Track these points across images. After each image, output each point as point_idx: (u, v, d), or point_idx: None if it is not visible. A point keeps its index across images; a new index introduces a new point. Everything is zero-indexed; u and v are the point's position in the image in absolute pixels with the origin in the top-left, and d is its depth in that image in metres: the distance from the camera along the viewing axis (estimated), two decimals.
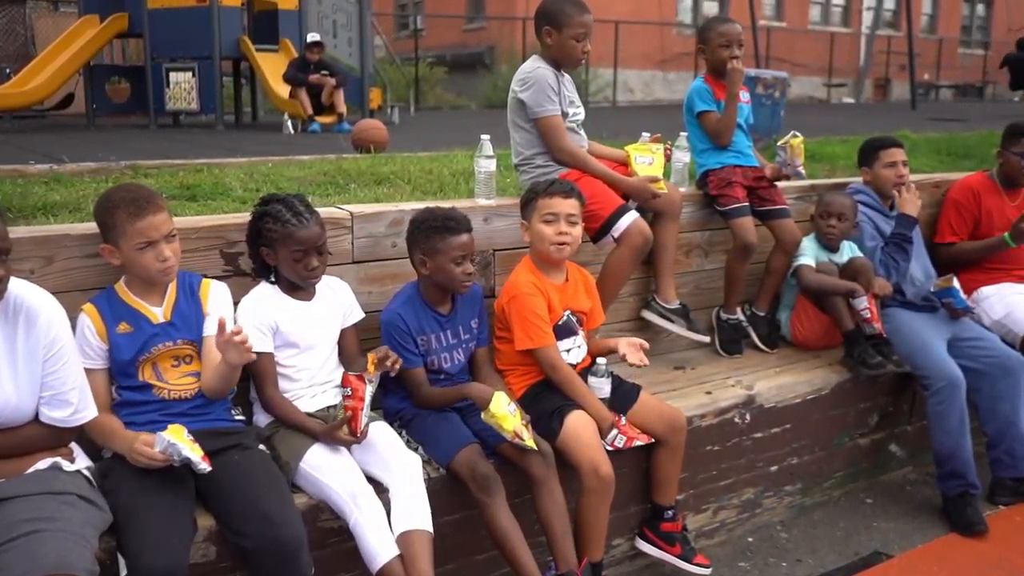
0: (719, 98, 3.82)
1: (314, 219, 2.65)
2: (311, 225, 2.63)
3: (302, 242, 2.61)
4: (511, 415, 2.68)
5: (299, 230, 2.61)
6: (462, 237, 2.81)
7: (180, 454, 2.23)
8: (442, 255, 2.79)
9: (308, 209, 2.67)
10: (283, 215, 2.62)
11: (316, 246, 2.64)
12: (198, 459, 2.24)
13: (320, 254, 2.67)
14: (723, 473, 3.44)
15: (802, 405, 3.60)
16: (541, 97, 3.30)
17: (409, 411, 2.84)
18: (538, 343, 2.91)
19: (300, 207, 2.65)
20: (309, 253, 2.63)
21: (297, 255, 2.62)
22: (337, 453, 2.56)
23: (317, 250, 2.65)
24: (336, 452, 2.56)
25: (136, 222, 2.39)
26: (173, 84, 11.88)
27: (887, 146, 4.05)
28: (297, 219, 2.61)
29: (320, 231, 2.65)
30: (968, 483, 3.66)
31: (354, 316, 2.86)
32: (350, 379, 2.50)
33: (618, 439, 2.95)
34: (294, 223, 2.61)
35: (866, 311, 3.70)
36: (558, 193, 2.97)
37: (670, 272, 3.64)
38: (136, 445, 2.25)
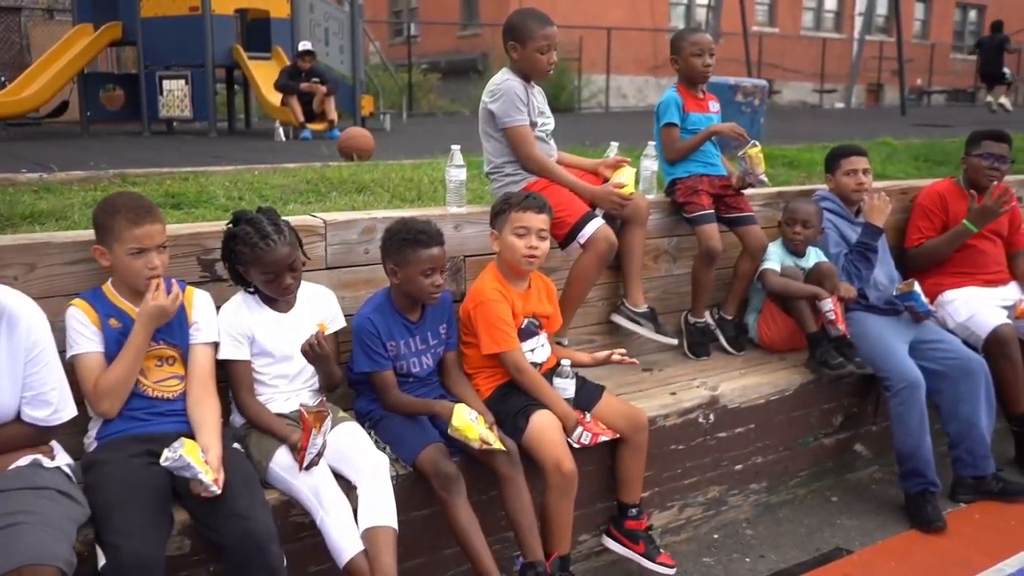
0: (688, 110, 3.94)
1: (283, 240, 2.71)
2: (279, 247, 2.70)
3: (271, 265, 2.70)
4: (474, 424, 2.79)
5: (267, 254, 2.69)
6: (432, 250, 2.91)
7: (194, 474, 2.33)
8: (412, 267, 2.90)
9: (277, 229, 2.72)
10: (251, 238, 2.70)
11: (287, 265, 2.72)
12: (210, 482, 2.35)
13: (293, 270, 2.75)
14: (688, 472, 3.55)
15: (766, 406, 3.72)
16: (509, 108, 3.42)
17: (378, 412, 2.96)
18: (504, 347, 3.02)
19: (268, 228, 2.71)
20: (280, 274, 2.72)
21: (269, 276, 2.71)
22: None
23: (289, 268, 2.73)
24: None
25: (134, 229, 2.51)
26: (166, 92, 11.97)
27: (848, 154, 4.17)
28: (265, 242, 2.68)
29: (289, 251, 2.73)
30: (928, 481, 3.77)
31: (336, 324, 2.97)
32: (303, 415, 2.55)
33: (583, 436, 3.06)
34: (262, 247, 2.68)
35: (831, 313, 3.82)
36: (531, 208, 3.08)
37: (638, 277, 3.76)
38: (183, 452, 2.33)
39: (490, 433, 2.82)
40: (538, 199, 3.12)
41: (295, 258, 2.76)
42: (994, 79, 16.97)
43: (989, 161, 4.30)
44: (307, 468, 2.58)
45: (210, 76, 11.67)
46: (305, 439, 2.54)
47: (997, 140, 4.36)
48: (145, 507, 2.33)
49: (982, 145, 4.35)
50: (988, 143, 4.35)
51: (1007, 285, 4.46)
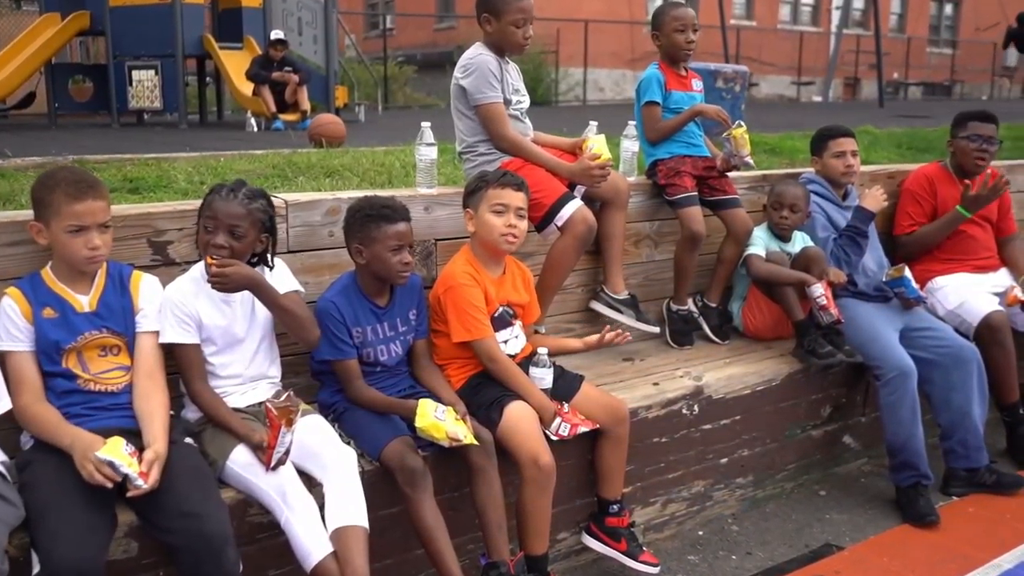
0: (670, 88, 3.78)
1: (244, 202, 2.54)
2: (234, 203, 2.53)
3: (215, 214, 2.52)
4: (440, 422, 2.61)
5: (218, 201, 2.53)
6: (399, 225, 2.74)
7: (119, 471, 2.15)
8: (378, 243, 2.72)
9: (249, 194, 2.57)
10: (221, 189, 2.57)
11: (229, 225, 2.52)
12: (135, 475, 2.17)
13: (235, 237, 2.53)
14: (672, 466, 3.39)
15: (752, 396, 3.56)
16: (482, 84, 3.24)
17: (342, 404, 2.77)
18: (476, 335, 2.85)
19: (243, 189, 2.57)
20: (220, 229, 2.51)
21: (208, 225, 2.53)
22: None
23: (230, 231, 2.52)
24: None
25: (74, 204, 2.31)
26: (136, 82, 11.72)
27: (836, 135, 4.02)
28: (227, 193, 2.54)
29: (242, 213, 2.53)
30: (920, 474, 3.64)
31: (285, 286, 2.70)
32: (270, 411, 2.35)
33: (562, 427, 2.88)
34: (222, 195, 2.54)
35: (822, 298, 3.65)
36: (510, 185, 2.91)
37: (618, 262, 3.59)
38: (91, 456, 2.15)
39: (461, 427, 2.64)
40: (516, 177, 2.96)
41: (243, 228, 2.53)
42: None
43: (977, 143, 4.17)
44: (274, 468, 2.39)
45: (180, 66, 11.44)
46: (272, 437, 2.35)
47: (984, 121, 4.23)
48: (83, 508, 2.14)
49: (969, 127, 4.23)
50: (975, 124, 4.22)
51: (997, 271, 4.35)
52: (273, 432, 2.34)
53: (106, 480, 2.14)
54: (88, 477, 2.15)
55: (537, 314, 3.20)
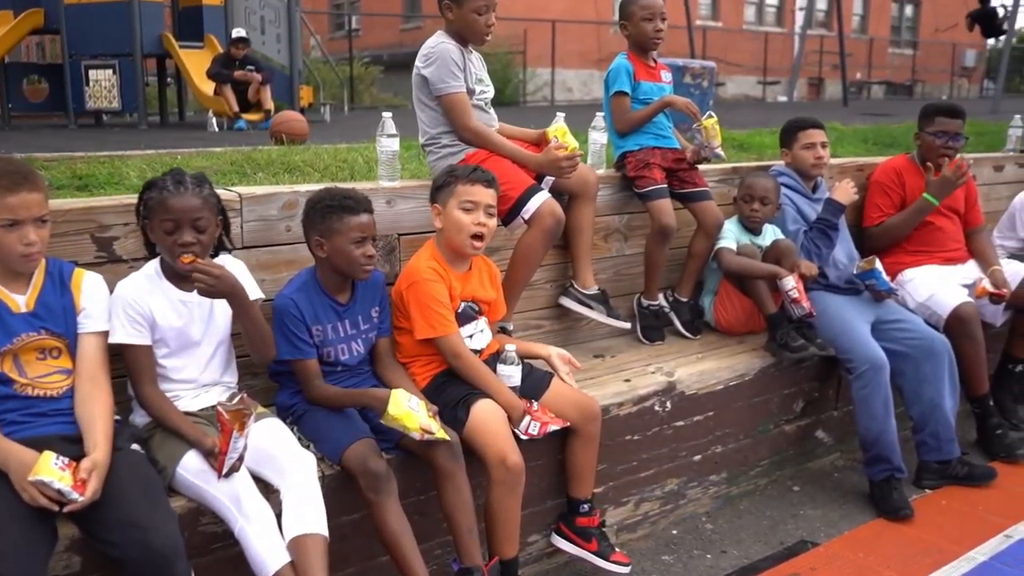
0: (639, 78, 3.70)
1: (196, 191, 2.39)
2: (188, 195, 2.37)
3: (174, 211, 2.36)
4: (414, 412, 2.50)
5: (171, 197, 2.36)
6: (361, 217, 2.63)
7: (51, 488, 2.02)
8: (340, 236, 2.61)
9: (196, 182, 2.42)
10: (164, 183, 2.39)
11: (191, 219, 2.37)
12: (69, 489, 2.04)
13: (198, 231, 2.39)
14: (644, 464, 3.31)
15: (724, 392, 3.49)
16: (444, 73, 3.13)
17: (302, 406, 2.65)
18: (440, 331, 2.74)
19: (188, 178, 2.41)
20: (182, 226, 2.37)
21: (168, 226, 2.37)
22: None
23: (193, 224, 2.38)
24: None
25: (7, 196, 2.15)
26: (93, 82, 11.47)
27: (806, 127, 3.98)
28: (176, 186, 2.37)
29: (199, 204, 2.38)
30: (894, 467, 3.60)
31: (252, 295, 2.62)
32: (221, 415, 2.21)
33: (531, 426, 2.78)
34: (171, 189, 2.37)
35: (794, 291, 3.59)
36: (480, 181, 2.81)
37: (588, 257, 3.51)
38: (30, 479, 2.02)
39: (433, 422, 2.53)
40: (487, 172, 2.85)
41: (204, 218, 2.40)
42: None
43: (943, 140, 4.14)
44: (227, 475, 2.26)
45: (139, 65, 11.20)
46: (224, 443, 2.22)
47: (950, 116, 4.20)
48: (20, 522, 1.99)
49: (935, 122, 4.19)
50: (941, 119, 4.18)
51: (966, 263, 4.33)
52: (225, 437, 2.21)
53: (52, 504, 2.02)
54: (31, 501, 2.02)
55: (503, 311, 3.10)
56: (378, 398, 2.55)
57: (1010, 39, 16.21)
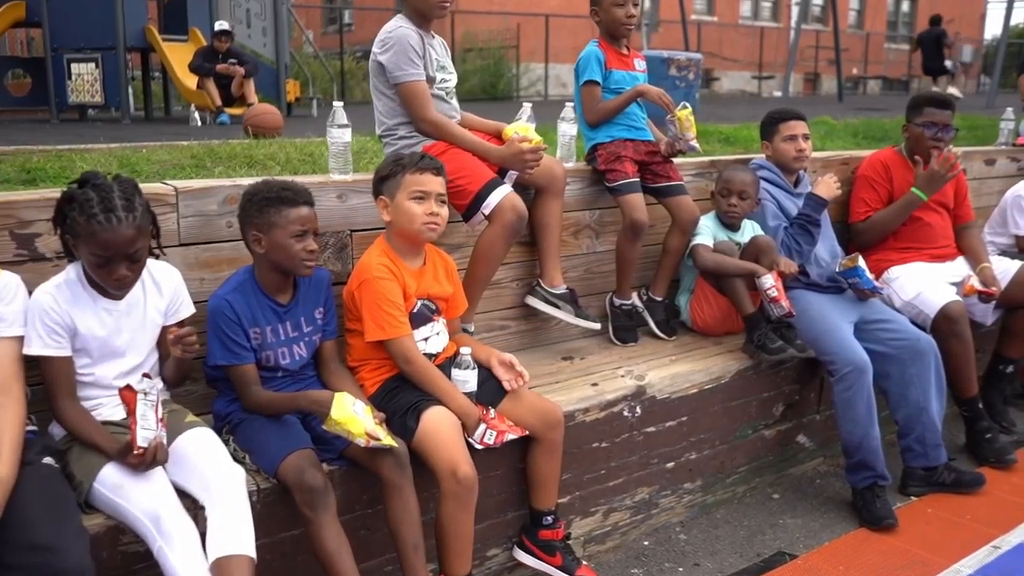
0: (611, 66, 3.53)
1: (130, 220, 2.16)
2: (123, 227, 2.14)
3: (106, 246, 2.15)
4: (358, 417, 2.33)
5: (105, 232, 2.13)
6: (301, 209, 2.47)
7: None
8: (279, 229, 2.44)
9: (128, 205, 2.17)
10: (91, 207, 2.13)
11: (126, 253, 2.18)
12: None
13: (133, 261, 2.21)
14: (613, 472, 3.14)
15: (699, 396, 3.32)
16: (402, 60, 2.96)
17: (238, 415, 2.48)
18: (391, 333, 2.57)
19: (118, 200, 2.15)
20: (116, 260, 2.17)
21: (100, 260, 2.17)
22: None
23: (128, 257, 2.19)
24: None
25: None
26: (75, 76, 11.26)
27: (787, 118, 3.81)
28: (107, 216, 2.12)
29: (134, 236, 2.18)
30: (877, 474, 3.43)
31: (182, 311, 2.47)
32: (122, 392, 2.08)
33: (487, 435, 2.61)
34: (101, 221, 2.12)
35: (772, 290, 3.43)
36: (429, 169, 2.64)
37: (556, 254, 3.34)
38: None
39: (379, 428, 2.37)
40: (434, 160, 2.69)
41: (140, 248, 2.21)
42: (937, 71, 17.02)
43: (932, 131, 3.97)
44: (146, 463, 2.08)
45: (122, 59, 11.01)
46: (133, 422, 2.08)
47: (940, 107, 4.04)
48: None
49: (924, 112, 4.03)
50: (930, 110, 4.02)
51: (955, 260, 4.17)
52: (131, 415, 2.09)
53: None
54: None
55: (464, 306, 2.92)
56: (317, 401, 2.38)
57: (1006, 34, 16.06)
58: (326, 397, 2.36)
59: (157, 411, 2.13)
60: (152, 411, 2.12)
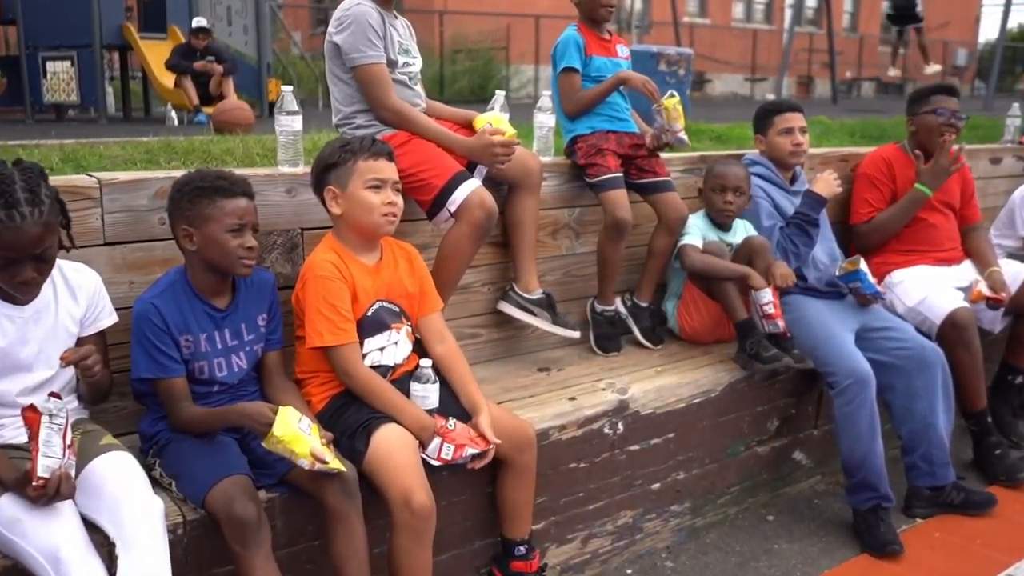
0: (591, 53, 3.26)
1: (37, 215, 1.89)
2: (28, 224, 1.87)
3: (8, 247, 1.88)
4: (304, 435, 2.05)
5: (5, 230, 1.86)
6: (238, 200, 2.19)
7: None
8: (213, 223, 2.17)
9: (33, 198, 1.89)
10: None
11: (33, 253, 1.91)
12: None
13: (41, 261, 1.94)
14: (593, 495, 2.86)
15: (687, 411, 3.05)
16: (359, 40, 2.69)
17: (165, 435, 2.20)
18: (331, 339, 2.29)
19: (20, 193, 1.88)
20: (21, 262, 1.91)
21: (1, 261, 1.90)
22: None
23: (36, 257, 1.92)
24: None
25: None
26: (51, 75, 11.01)
27: (782, 110, 3.55)
28: (7, 212, 1.85)
29: (42, 234, 1.90)
30: (880, 495, 3.17)
31: (102, 320, 2.19)
32: (24, 413, 1.81)
33: (444, 449, 2.31)
34: (1, 219, 1.86)
35: (769, 306, 3.17)
36: (383, 155, 2.38)
37: (531, 256, 3.06)
38: None
39: (327, 450, 2.09)
40: (385, 144, 2.42)
41: (48, 246, 1.94)
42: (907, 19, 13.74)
43: (944, 117, 3.73)
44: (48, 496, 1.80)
45: (98, 57, 10.76)
46: (35, 448, 1.79)
47: (948, 94, 3.83)
48: None
49: (932, 101, 3.79)
50: (939, 98, 3.78)
51: (961, 263, 3.91)
52: (33, 442, 1.80)
53: None
54: None
55: (438, 303, 2.60)
56: (250, 414, 2.09)
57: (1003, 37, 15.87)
58: (259, 410, 2.08)
59: (65, 436, 1.85)
60: (59, 436, 1.83)
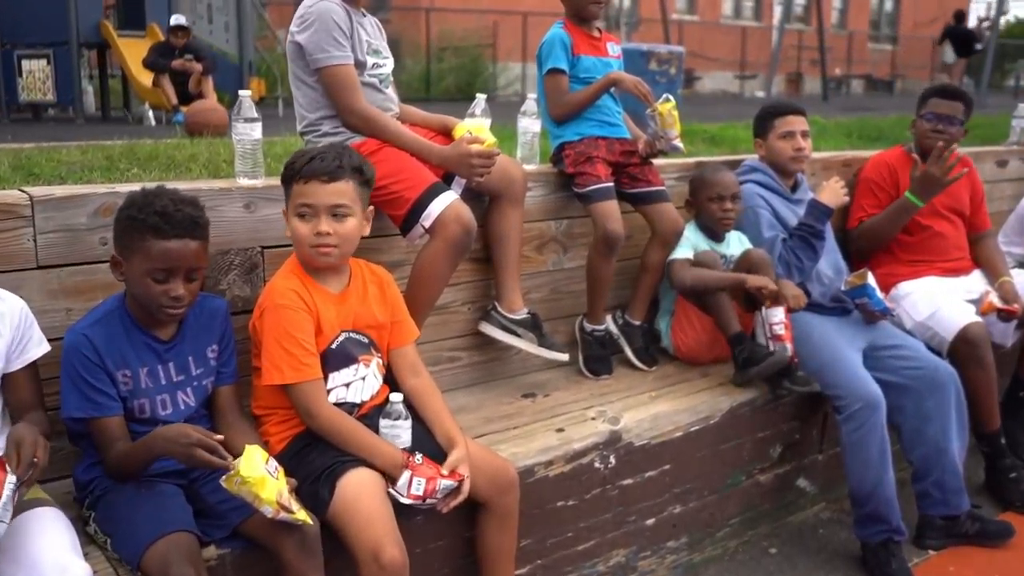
0: (579, 52, 3.02)
1: None
2: None
3: None
4: (270, 477, 1.81)
5: None
6: (170, 243, 1.92)
7: None
8: (137, 261, 1.93)
9: None
10: None
11: None
12: None
13: None
14: (582, 534, 2.63)
15: (684, 439, 2.82)
16: (324, 39, 2.44)
17: (102, 483, 1.95)
18: (291, 376, 2.05)
19: None
20: None
21: None
22: None
23: None
24: None
25: None
26: (26, 73, 10.73)
27: (784, 112, 3.33)
28: None
29: None
30: (892, 528, 2.95)
31: (31, 351, 1.94)
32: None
33: (415, 484, 2.05)
34: None
35: (780, 326, 2.94)
36: (318, 175, 2.06)
37: (515, 273, 2.82)
38: None
39: (292, 498, 1.85)
40: (329, 162, 2.09)
41: None
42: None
43: (932, 123, 3.52)
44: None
45: (75, 55, 10.46)
46: None
47: (946, 98, 3.58)
48: None
49: (928, 104, 3.59)
50: (935, 101, 3.57)
51: (970, 274, 3.70)
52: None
53: None
54: None
55: (412, 335, 2.36)
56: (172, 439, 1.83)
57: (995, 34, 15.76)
58: (181, 431, 1.84)
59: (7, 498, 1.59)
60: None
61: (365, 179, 2.14)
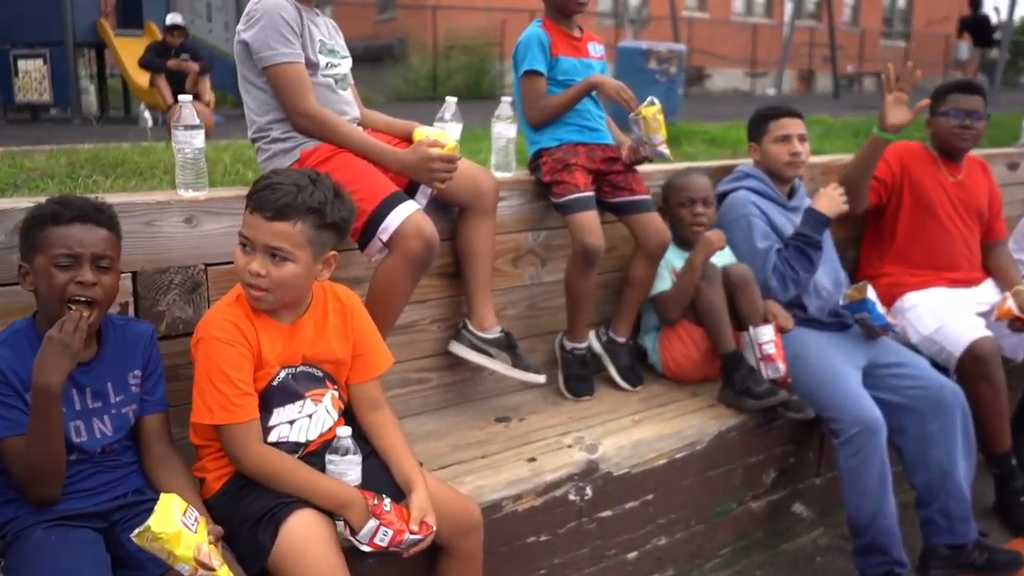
0: (558, 52, 2.83)
1: None
2: None
3: None
4: (187, 530, 1.63)
5: None
6: (71, 227, 1.78)
7: None
8: (40, 254, 1.78)
9: None
10: None
11: None
12: None
13: None
14: (556, 571, 2.44)
15: (669, 467, 2.62)
16: (271, 36, 2.26)
17: (18, 523, 1.77)
18: (223, 417, 1.86)
19: None
20: None
21: None
22: None
23: None
24: None
25: None
26: (23, 73, 10.68)
27: (778, 115, 3.14)
28: None
29: None
30: (893, 560, 2.77)
31: None
32: None
33: (380, 534, 1.88)
34: None
35: (770, 345, 2.78)
36: (265, 207, 1.85)
37: (487, 289, 2.64)
38: None
39: (214, 551, 1.67)
40: (282, 195, 1.85)
41: None
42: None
43: (959, 119, 3.38)
44: None
45: (71, 55, 10.41)
46: None
47: (967, 93, 3.44)
48: None
49: (948, 100, 3.43)
50: (956, 97, 3.42)
51: (981, 285, 3.50)
52: None
53: None
54: None
55: (378, 368, 2.13)
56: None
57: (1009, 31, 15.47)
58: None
59: None
60: None
61: (326, 222, 1.91)
